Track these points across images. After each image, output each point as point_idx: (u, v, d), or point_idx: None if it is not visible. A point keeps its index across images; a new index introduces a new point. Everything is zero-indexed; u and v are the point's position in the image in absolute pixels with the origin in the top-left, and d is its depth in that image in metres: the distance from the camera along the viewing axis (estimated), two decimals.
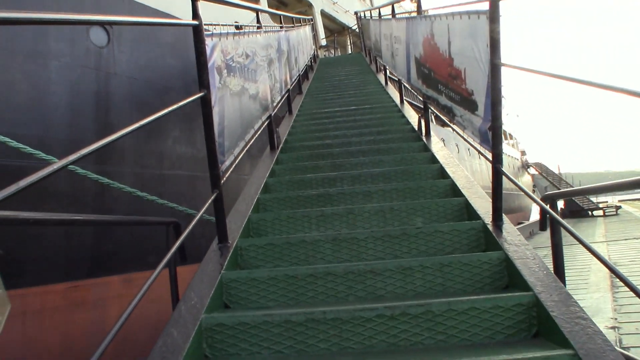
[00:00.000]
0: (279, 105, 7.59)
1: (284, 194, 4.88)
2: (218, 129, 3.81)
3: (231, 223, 4.14)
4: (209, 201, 3.48)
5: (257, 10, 6.21)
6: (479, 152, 4.13)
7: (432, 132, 6.50)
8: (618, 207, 35.20)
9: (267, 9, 6.85)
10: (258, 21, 6.15)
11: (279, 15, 9.18)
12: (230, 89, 4.30)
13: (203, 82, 3.47)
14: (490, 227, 3.66)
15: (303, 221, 4.27)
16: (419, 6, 6.08)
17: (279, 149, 6.57)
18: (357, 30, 22.26)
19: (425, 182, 4.86)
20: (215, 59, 3.86)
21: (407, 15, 7.21)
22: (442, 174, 5.15)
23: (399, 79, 8.86)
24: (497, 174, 3.59)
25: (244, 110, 4.82)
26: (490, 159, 3.68)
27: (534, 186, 46.34)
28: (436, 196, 4.71)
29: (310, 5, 25.39)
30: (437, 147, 5.98)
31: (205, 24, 3.62)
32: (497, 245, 3.41)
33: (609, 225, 29.09)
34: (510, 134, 43.71)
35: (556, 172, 47.93)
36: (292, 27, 11.25)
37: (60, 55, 8.49)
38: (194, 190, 10.13)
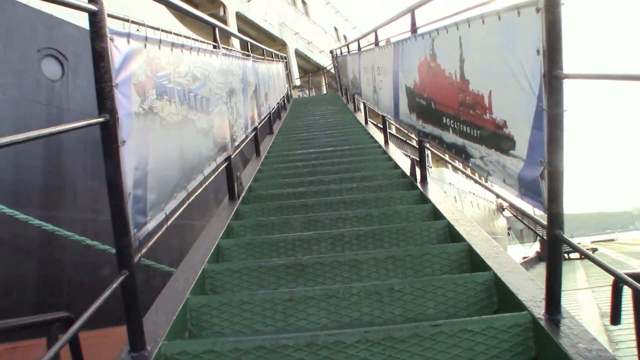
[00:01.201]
0: (243, 144, 6.35)
1: (241, 263, 3.56)
2: (135, 175, 2.53)
3: (158, 312, 2.82)
4: (111, 288, 2.17)
5: (214, 27, 5.00)
6: (528, 219, 2.89)
7: (428, 179, 5.30)
8: (594, 250, 34.42)
9: (228, 28, 5.62)
10: (215, 40, 4.95)
11: (246, 42, 8.00)
12: (163, 117, 3.04)
13: (103, 102, 2.21)
14: (543, 322, 2.41)
15: (264, 308, 2.95)
16: (412, 23, 4.94)
17: (240, 198, 5.28)
18: (333, 69, 21.35)
19: (430, 247, 3.61)
20: (134, 71, 2.60)
21: (394, 39, 6.06)
22: (451, 234, 3.91)
23: (383, 117, 7.71)
24: (556, 243, 2.36)
25: (187, 149, 3.55)
26: (536, 218, 2.46)
27: (509, 229, 45.70)
28: (448, 268, 3.45)
29: (284, 44, 24.55)
30: (437, 196, 4.76)
31: (114, 17, 2.40)
32: (562, 356, 2.16)
33: (588, 270, 28.03)
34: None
35: (532, 214, 47.27)
36: (262, 59, 10.12)
37: (7, 88, 7.35)
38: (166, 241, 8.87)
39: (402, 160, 6.61)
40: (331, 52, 20.61)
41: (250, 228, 4.49)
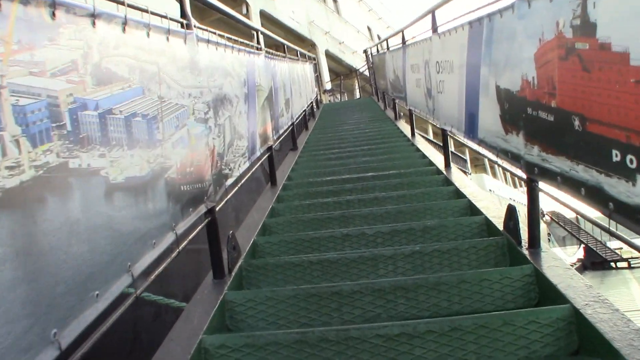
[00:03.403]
0: (249, 174, 4.37)
1: None
2: None
3: None
4: None
5: None
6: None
7: (542, 240, 3.19)
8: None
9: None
10: (184, 15, 2.94)
11: (256, 31, 5.87)
12: None
13: None
14: None
15: None
16: None
17: (233, 275, 3.26)
18: (367, 71, 19.27)
19: None
20: None
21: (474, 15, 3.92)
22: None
23: (443, 131, 5.62)
24: None
25: (63, 249, 1.54)
26: None
27: (549, 234, 43.35)
28: None
29: (313, 45, 22.58)
30: (575, 286, 2.65)
31: None
32: None
33: None
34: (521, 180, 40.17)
35: (574, 220, 44.42)
36: (283, 57, 8.11)
37: None
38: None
39: (479, 196, 4.49)
40: (365, 51, 18.56)
41: (240, 347, 2.44)
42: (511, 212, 3.40)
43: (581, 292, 2.55)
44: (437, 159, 6.30)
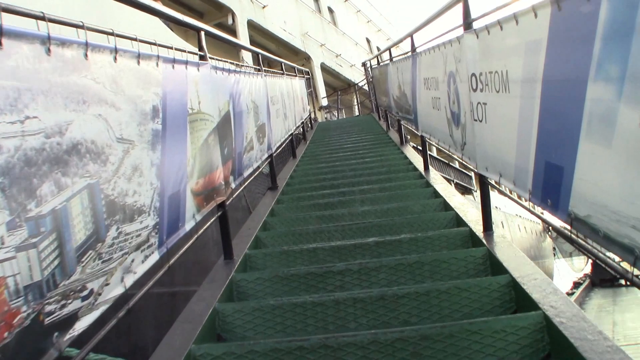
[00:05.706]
0: (153, 281, 2.50)
1: None
2: None
3: None
4: None
5: None
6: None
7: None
8: None
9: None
10: None
11: (197, 31, 3.89)
12: None
13: None
14: None
15: None
16: None
17: None
18: (367, 85, 17.41)
19: None
20: None
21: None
22: None
23: (481, 177, 3.72)
24: None
25: None
26: None
27: (554, 249, 42.36)
28: None
29: (308, 58, 20.77)
30: None
31: None
32: None
33: None
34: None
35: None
36: (257, 70, 6.25)
37: None
38: None
39: (562, 306, 2.57)
40: (364, 64, 16.70)
41: None
42: None
43: None
44: (467, 212, 4.38)
